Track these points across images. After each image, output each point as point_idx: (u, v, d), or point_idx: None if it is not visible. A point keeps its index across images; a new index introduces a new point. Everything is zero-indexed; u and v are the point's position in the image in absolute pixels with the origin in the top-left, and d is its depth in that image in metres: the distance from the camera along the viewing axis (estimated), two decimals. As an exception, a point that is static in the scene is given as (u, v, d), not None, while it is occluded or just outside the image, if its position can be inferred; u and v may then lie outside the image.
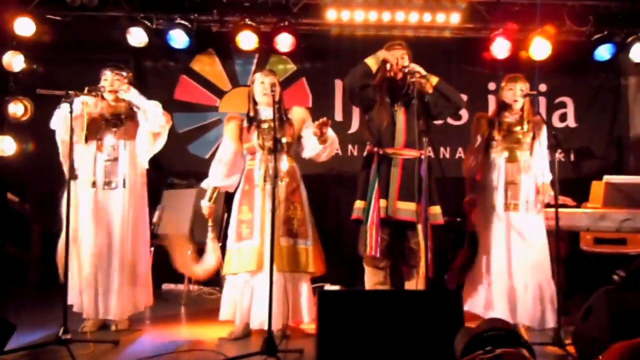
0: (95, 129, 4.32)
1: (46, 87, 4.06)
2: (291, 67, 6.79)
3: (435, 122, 4.89)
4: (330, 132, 4.18)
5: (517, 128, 4.54)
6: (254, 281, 4.08)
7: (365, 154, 4.59)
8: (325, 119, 4.04)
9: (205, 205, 4.29)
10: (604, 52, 6.35)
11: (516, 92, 4.51)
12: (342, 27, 6.49)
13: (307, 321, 4.22)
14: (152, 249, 5.09)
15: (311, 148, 4.31)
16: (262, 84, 4.22)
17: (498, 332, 2.80)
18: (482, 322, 3.06)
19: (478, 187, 4.66)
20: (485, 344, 2.66)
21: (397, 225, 4.31)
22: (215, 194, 4.31)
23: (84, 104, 4.16)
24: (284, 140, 4.21)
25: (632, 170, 6.64)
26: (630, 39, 6.22)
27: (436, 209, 4.33)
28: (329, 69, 6.74)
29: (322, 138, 4.13)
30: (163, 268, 5.75)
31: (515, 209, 4.44)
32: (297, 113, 4.38)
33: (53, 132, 4.28)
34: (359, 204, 4.35)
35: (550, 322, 4.31)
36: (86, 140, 4.24)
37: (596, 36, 6.31)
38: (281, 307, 3.97)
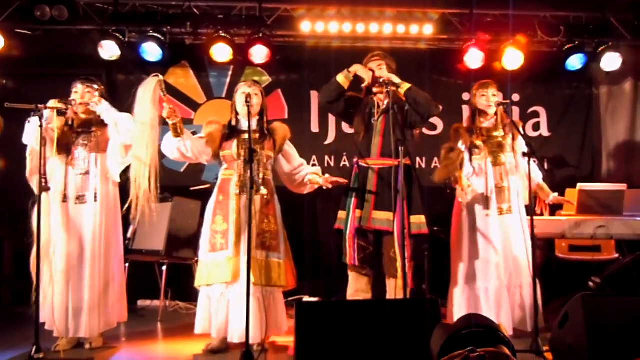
0: (66, 142, 4.24)
1: (16, 102, 3.97)
2: (266, 78, 6.76)
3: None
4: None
5: (496, 133, 4.57)
6: (230, 293, 3.99)
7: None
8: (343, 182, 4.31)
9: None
10: (575, 62, 6.43)
11: (489, 97, 4.55)
12: (317, 39, 6.51)
13: (282, 333, 4.20)
14: (127, 264, 5.01)
15: (291, 169, 4.40)
16: (242, 95, 4.14)
17: (476, 330, 2.73)
18: (460, 318, 3.00)
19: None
20: (463, 342, 2.61)
21: (377, 235, 4.33)
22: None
23: (54, 116, 4.09)
24: (263, 153, 4.18)
25: (605, 178, 6.73)
26: (601, 48, 6.30)
27: (420, 218, 4.31)
28: (305, 81, 6.72)
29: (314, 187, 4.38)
30: (138, 284, 5.67)
31: (509, 211, 4.44)
32: (281, 129, 4.37)
33: (24, 147, 4.17)
34: (341, 214, 4.42)
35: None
36: (57, 153, 4.16)
37: (568, 46, 6.38)
38: (259, 320, 3.92)
